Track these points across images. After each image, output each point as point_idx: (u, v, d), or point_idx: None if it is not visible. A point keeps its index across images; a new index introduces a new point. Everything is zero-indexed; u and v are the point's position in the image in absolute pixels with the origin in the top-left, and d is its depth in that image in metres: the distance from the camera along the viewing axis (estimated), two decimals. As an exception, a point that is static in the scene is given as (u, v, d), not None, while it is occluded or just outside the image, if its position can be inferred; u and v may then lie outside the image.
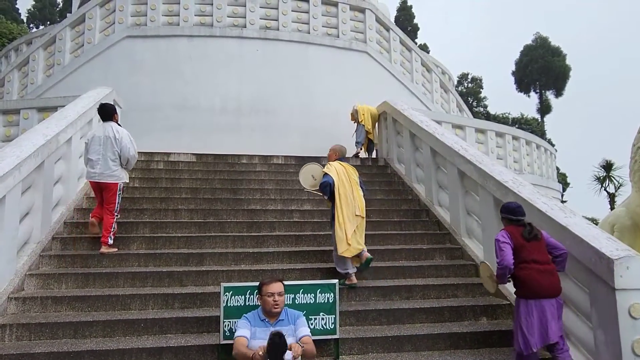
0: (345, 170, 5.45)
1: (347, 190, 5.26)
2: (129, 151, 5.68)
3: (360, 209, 5.25)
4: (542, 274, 3.70)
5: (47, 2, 45.62)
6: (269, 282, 3.58)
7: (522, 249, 3.79)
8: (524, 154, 11.49)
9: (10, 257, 4.60)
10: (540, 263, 3.75)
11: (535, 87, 44.11)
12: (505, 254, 3.76)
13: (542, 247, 3.83)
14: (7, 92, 12.17)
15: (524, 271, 3.74)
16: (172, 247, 5.78)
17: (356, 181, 5.47)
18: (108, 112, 5.82)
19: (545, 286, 3.67)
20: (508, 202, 4.30)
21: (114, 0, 11.35)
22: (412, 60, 13.01)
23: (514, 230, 3.90)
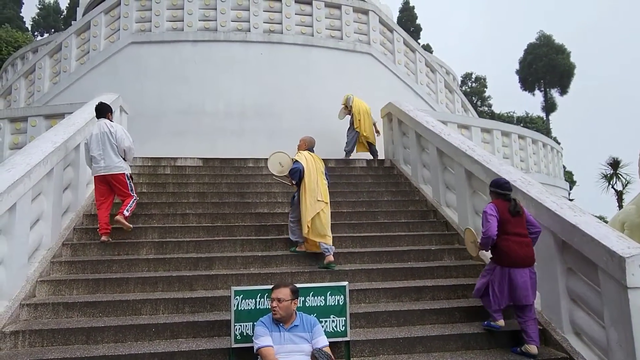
0: (313, 159, 5.91)
1: (313, 178, 5.72)
2: (124, 142, 5.94)
3: (323, 195, 5.73)
4: (520, 245, 4.21)
5: (52, 9, 46.01)
6: (273, 287, 3.63)
7: (507, 222, 4.26)
8: (530, 153, 11.45)
9: (22, 263, 4.64)
10: (520, 236, 4.24)
11: (540, 85, 44.00)
12: (490, 226, 4.24)
13: (523, 222, 4.31)
14: (15, 100, 12.27)
15: (504, 242, 4.23)
16: (181, 251, 5.81)
17: (322, 171, 5.96)
18: (103, 110, 6.16)
19: (522, 256, 4.19)
20: (497, 177, 4.77)
21: (119, 7, 11.41)
22: (416, 61, 12.99)
23: (501, 205, 4.35)
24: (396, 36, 12.71)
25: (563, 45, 43.42)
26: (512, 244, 4.20)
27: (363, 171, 9.08)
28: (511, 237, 4.23)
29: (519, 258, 4.17)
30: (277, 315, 3.52)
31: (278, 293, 3.56)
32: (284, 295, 3.55)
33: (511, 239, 4.22)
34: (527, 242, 4.26)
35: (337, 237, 6.21)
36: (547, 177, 12.10)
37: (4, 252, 4.35)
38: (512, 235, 4.23)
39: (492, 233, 4.22)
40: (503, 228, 4.25)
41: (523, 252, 4.19)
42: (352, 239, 6.26)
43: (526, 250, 4.22)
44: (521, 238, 4.24)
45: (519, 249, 4.19)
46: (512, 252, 4.18)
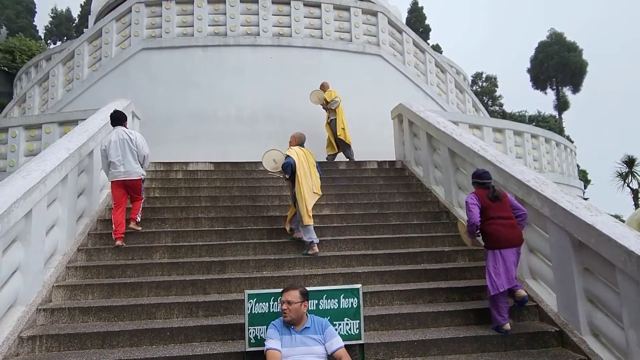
0: (304, 154, 6.24)
1: (306, 171, 6.07)
2: (144, 149, 6.29)
3: (317, 188, 6.13)
4: (505, 227, 4.45)
5: (64, 18, 46.69)
6: (284, 289, 3.65)
7: (488, 208, 4.53)
8: (543, 152, 11.31)
9: (38, 269, 4.69)
10: (504, 218, 4.49)
11: (552, 83, 43.55)
12: (472, 214, 4.54)
13: (506, 206, 4.57)
14: (29, 108, 12.47)
15: (490, 226, 4.49)
16: (194, 255, 5.83)
17: (314, 164, 6.29)
18: (120, 118, 6.41)
19: (508, 237, 4.42)
20: (476, 170, 5.04)
21: (130, 14, 11.55)
22: (425, 62, 12.94)
23: (481, 193, 4.65)
24: (405, 37, 12.68)
25: (575, 42, 42.96)
26: (498, 227, 4.46)
27: (374, 173, 9.05)
28: (495, 220, 4.49)
29: (506, 239, 4.42)
30: (287, 318, 3.52)
31: (287, 296, 3.56)
32: (293, 298, 3.55)
33: (495, 222, 4.48)
34: (513, 224, 4.50)
35: (349, 240, 6.22)
36: (561, 176, 11.95)
37: (21, 258, 4.41)
38: (495, 219, 4.49)
39: (475, 220, 4.52)
40: (486, 214, 4.54)
41: (509, 233, 4.44)
42: (365, 241, 6.23)
43: (512, 231, 4.46)
44: (505, 220, 4.48)
45: (505, 230, 4.43)
46: (498, 233, 4.44)
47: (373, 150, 10.26)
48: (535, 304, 4.81)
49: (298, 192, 5.96)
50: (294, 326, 3.56)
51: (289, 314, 3.52)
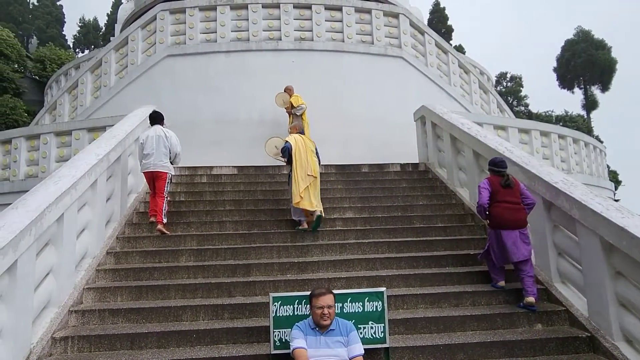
0: (303, 140, 6.84)
1: (303, 155, 6.63)
2: (176, 147, 6.86)
3: (313, 170, 6.62)
4: (509, 210, 4.90)
5: (91, 27, 47.99)
6: (319, 294, 3.58)
7: (497, 193, 5.00)
8: (571, 153, 11.04)
9: (70, 271, 4.83)
10: (509, 203, 4.93)
11: (579, 82, 42.53)
12: (481, 196, 5.04)
13: (515, 192, 4.99)
14: (59, 115, 12.85)
15: (495, 209, 4.99)
16: (219, 258, 5.90)
17: (312, 150, 6.86)
18: (158, 118, 7.10)
19: (510, 220, 4.88)
20: (494, 157, 5.48)
21: (155, 21, 11.80)
22: (448, 63, 12.81)
23: (494, 179, 5.12)
24: (427, 38, 12.59)
25: (603, 40, 41.83)
26: (501, 210, 4.93)
27: (397, 175, 9.00)
28: (501, 204, 4.95)
29: (507, 221, 4.88)
30: (327, 322, 3.53)
31: (328, 300, 3.56)
32: (332, 302, 3.58)
33: (500, 205, 4.95)
34: (517, 209, 4.93)
35: (373, 243, 6.19)
36: (591, 177, 11.64)
37: (54, 261, 4.55)
38: (501, 202, 4.95)
39: (483, 202, 5.02)
40: (494, 197, 5.01)
41: (511, 216, 4.89)
42: (388, 244, 6.19)
43: (515, 214, 4.90)
44: (510, 205, 4.93)
45: (507, 214, 4.89)
46: (500, 216, 4.92)
47: (396, 152, 10.22)
48: (565, 308, 4.70)
49: (293, 173, 6.62)
50: (318, 328, 3.56)
51: (329, 318, 3.54)
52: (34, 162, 9.42)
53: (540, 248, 5.33)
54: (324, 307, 3.52)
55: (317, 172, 6.72)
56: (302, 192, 6.43)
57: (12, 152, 9.57)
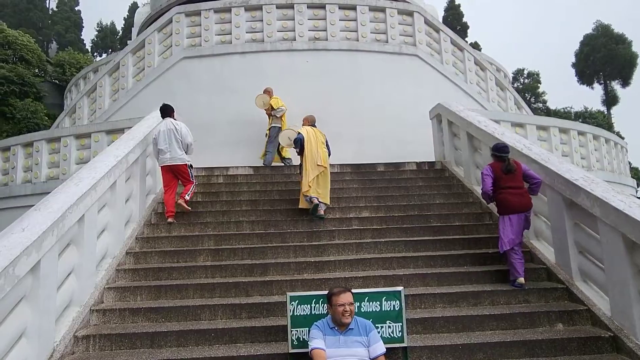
0: (314, 132, 7.27)
1: (313, 147, 7.05)
2: (187, 138, 7.00)
3: (323, 161, 7.00)
4: (514, 196, 5.16)
5: (109, 31, 48.81)
6: (339, 292, 3.58)
7: (500, 179, 5.25)
8: (591, 150, 10.84)
9: (91, 271, 4.91)
10: (513, 188, 5.18)
11: (599, 78, 41.74)
12: (485, 183, 5.33)
13: (517, 177, 5.23)
14: (79, 118, 13.08)
15: (501, 195, 5.26)
16: (236, 258, 5.95)
17: (322, 141, 7.25)
18: (167, 110, 7.25)
19: (516, 204, 5.15)
20: (496, 143, 5.63)
21: (171, 24, 11.93)
22: (464, 60, 12.68)
23: (496, 166, 5.35)
24: (443, 36, 12.48)
25: (623, 34, 40.97)
26: (507, 195, 5.19)
27: (413, 174, 8.94)
28: (505, 190, 5.20)
29: (515, 205, 5.15)
30: (349, 319, 3.54)
31: (348, 297, 3.57)
32: (352, 299, 3.59)
33: (505, 192, 5.20)
34: (522, 193, 5.20)
35: (389, 242, 6.17)
36: (612, 174, 11.42)
37: (75, 261, 4.63)
38: (506, 188, 5.20)
39: (487, 189, 5.31)
40: (498, 184, 5.26)
41: (517, 201, 5.15)
42: (405, 243, 6.16)
43: (520, 199, 5.17)
44: (515, 190, 5.18)
45: (513, 199, 5.15)
46: (507, 201, 5.19)
47: (411, 151, 10.17)
48: (587, 307, 4.61)
49: (303, 163, 7.02)
50: (337, 327, 3.56)
51: (351, 316, 3.55)
52: (54, 165, 9.62)
53: (560, 246, 5.25)
54: (345, 305, 3.52)
55: (326, 162, 7.07)
56: (311, 181, 6.84)
57: (34, 155, 9.79)
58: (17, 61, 23.16)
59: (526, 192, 5.23)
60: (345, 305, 3.51)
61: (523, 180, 5.25)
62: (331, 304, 3.59)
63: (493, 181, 5.28)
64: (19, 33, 24.30)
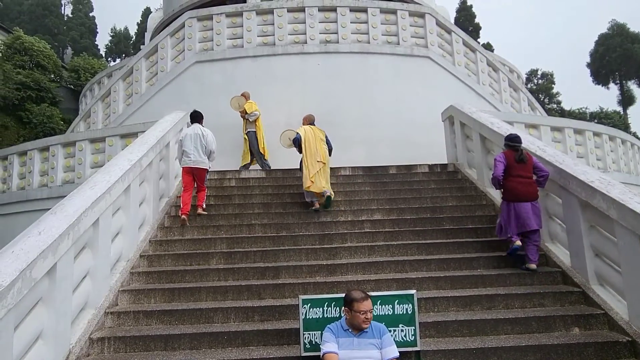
0: (312, 130, 7.67)
1: (312, 144, 7.45)
2: (212, 145, 7.39)
3: (322, 157, 7.41)
4: (522, 184, 5.39)
5: (122, 36, 49.42)
6: (361, 299, 3.55)
7: (512, 167, 5.48)
8: (607, 151, 10.67)
9: (105, 274, 4.97)
10: (523, 177, 5.42)
11: (615, 77, 41.15)
12: (497, 169, 5.53)
13: (528, 167, 5.47)
14: (93, 122, 13.25)
15: (509, 182, 5.48)
16: (248, 261, 5.97)
17: (322, 139, 7.64)
18: (197, 117, 7.70)
19: (523, 193, 5.37)
20: (510, 133, 5.96)
21: (183, 29, 12.04)
22: (477, 62, 12.59)
23: (509, 154, 5.59)
24: (455, 37, 12.42)
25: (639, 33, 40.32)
26: (515, 183, 5.41)
27: (425, 176, 8.89)
28: (515, 178, 5.42)
29: (521, 194, 5.37)
30: (367, 326, 3.53)
31: (370, 304, 3.55)
32: (372, 306, 3.57)
33: (514, 180, 5.42)
34: (529, 182, 5.43)
35: (402, 245, 6.14)
36: (629, 175, 11.23)
37: (90, 264, 4.69)
38: (515, 177, 5.43)
39: (498, 174, 5.50)
40: (509, 172, 5.48)
41: (524, 189, 5.38)
42: (418, 246, 6.13)
43: (527, 188, 5.39)
44: (523, 179, 5.41)
45: (521, 187, 5.37)
46: (514, 189, 5.41)
47: (424, 153, 10.10)
48: (604, 311, 4.53)
49: (303, 160, 7.41)
50: (351, 330, 3.55)
51: (369, 323, 3.54)
52: (70, 169, 9.76)
53: (576, 249, 5.17)
54: (367, 312, 3.51)
55: (326, 158, 7.49)
56: (312, 177, 7.20)
57: (50, 159, 9.95)
58: (33, 67, 23.53)
59: (534, 183, 5.46)
60: (367, 312, 3.51)
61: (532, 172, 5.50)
62: (351, 308, 3.55)
63: (505, 168, 5.50)
64: (35, 39, 24.69)
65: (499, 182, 5.57)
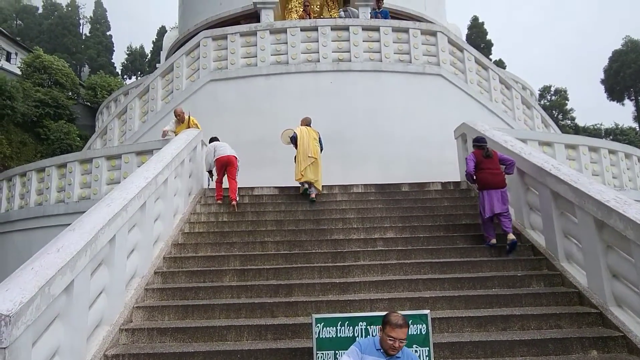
0: (308, 130, 8.78)
1: (305, 141, 8.59)
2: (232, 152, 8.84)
3: (313, 152, 8.54)
4: (491, 175, 6.58)
5: (138, 54, 50.49)
6: (396, 325, 3.36)
7: (481, 162, 6.68)
8: (623, 169, 10.54)
9: (120, 291, 5.02)
10: (491, 169, 6.61)
11: (630, 94, 40.79)
12: (468, 166, 6.75)
13: (494, 161, 6.68)
14: (110, 139, 13.48)
15: (480, 174, 6.65)
16: (261, 278, 5.98)
17: (315, 137, 8.78)
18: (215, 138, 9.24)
19: (492, 182, 6.54)
20: (477, 136, 7.23)
21: (198, 48, 12.28)
22: (489, 79, 12.61)
23: (477, 152, 6.78)
24: (467, 55, 12.47)
25: (653, 50, 40.07)
26: (485, 175, 6.60)
27: (438, 194, 8.87)
28: (485, 170, 6.62)
29: (491, 183, 6.54)
30: (394, 353, 3.39)
31: (403, 334, 3.37)
32: (405, 335, 3.39)
33: (484, 172, 6.61)
34: (497, 173, 6.59)
35: (415, 263, 6.12)
36: (645, 194, 11.05)
37: (106, 281, 4.75)
38: (485, 170, 6.62)
39: (470, 170, 6.73)
40: (479, 166, 6.67)
41: (493, 179, 6.56)
42: (431, 265, 6.09)
43: (496, 178, 6.57)
44: (492, 171, 6.60)
45: (490, 177, 6.57)
46: (485, 179, 6.60)
47: (436, 171, 10.09)
48: (622, 334, 4.45)
49: (297, 155, 8.57)
50: (383, 351, 3.45)
51: (397, 351, 3.39)
52: (86, 185, 9.91)
53: (592, 269, 5.11)
54: (396, 340, 3.34)
55: (317, 154, 8.60)
56: (303, 170, 8.41)
57: (67, 176, 10.11)
58: (52, 85, 24.12)
59: (501, 173, 6.62)
60: (396, 340, 3.34)
61: (499, 164, 6.65)
62: (383, 330, 3.43)
63: (475, 164, 6.67)
64: (54, 58, 25.36)
65: (472, 177, 6.76)
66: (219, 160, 8.56)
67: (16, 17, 50.75)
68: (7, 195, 11.75)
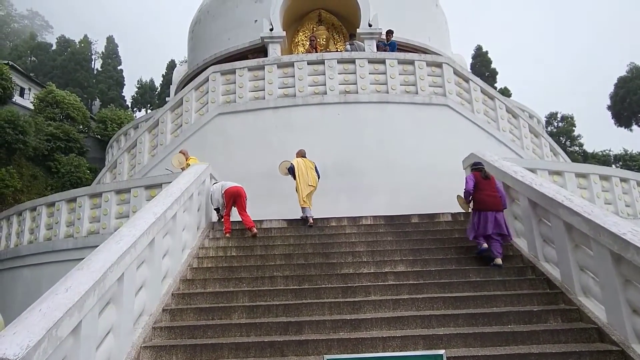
0: (304, 161, 9.46)
1: (303, 171, 9.29)
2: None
3: (312, 181, 9.29)
4: (488, 197, 6.97)
5: (147, 88, 51.51)
6: None
7: (479, 183, 7.11)
8: (636, 197, 10.39)
9: (128, 330, 4.93)
10: (489, 191, 7.01)
11: (637, 119, 40.66)
12: (468, 185, 7.21)
13: (492, 184, 7.10)
14: (119, 173, 13.61)
15: (478, 195, 7.06)
16: (271, 315, 5.86)
17: (311, 167, 9.45)
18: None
19: (489, 204, 6.93)
20: (475, 161, 7.92)
21: (207, 83, 12.51)
22: (496, 108, 12.66)
23: (476, 174, 7.26)
24: (472, 85, 12.57)
25: (659, 76, 40.15)
26: (483, 196, 6.99)
27: (449, 226, 8.77)
28: (483, 192, 7.02)
29: (488, 204, 6.92)
30: None
31: None
32: None
33: (483, 193, 7.01)
34: (494, 196, 6.99)
35: (427, 298, 5.98)
36: (660, 222, 10.85)
37: (114, 320, 4.67)
38: (483, 191, 7.02)
39: (469, 188, 7.16)
40: (478, 187, 7.08)
41: (490, 201, 6.93)
42: (444, 300, 5.95)
43: (493, 200, 6.95)
44: (489, 192, 7.00)
45: (488, 199, 6.95)
46: (483, 201, 6.97)
47: (445, 201, 9.95)
48: (647, 373, 4.27)
49: (297, 185, 9.21)
50: None
51: None
52: (95, 219, 9.93)
53: (611, 304, 4.95)
54: None
55: (315, 182, 9.31)
56: (305, 197, 9.06)
57: (77, 210, 10.16)
58: (63, 119, 24.59)
59: (498, 196, 6.97)
60: None
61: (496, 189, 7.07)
62: None
63: (474, 185, 7.10)
64: (66, 93, 25.96)
65: (470, 195, 7.17)
66: (227, 192, 8.68)
67: (30, 53, 52.31)
68: (17, 230, 11.82)
